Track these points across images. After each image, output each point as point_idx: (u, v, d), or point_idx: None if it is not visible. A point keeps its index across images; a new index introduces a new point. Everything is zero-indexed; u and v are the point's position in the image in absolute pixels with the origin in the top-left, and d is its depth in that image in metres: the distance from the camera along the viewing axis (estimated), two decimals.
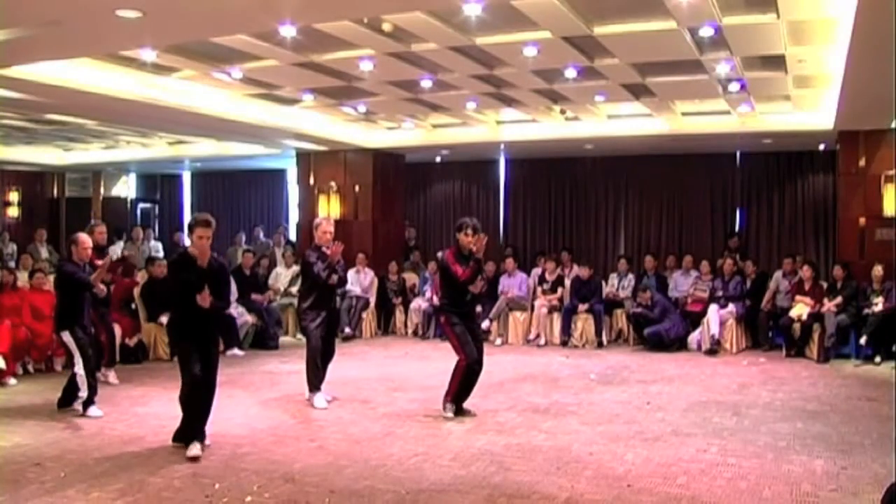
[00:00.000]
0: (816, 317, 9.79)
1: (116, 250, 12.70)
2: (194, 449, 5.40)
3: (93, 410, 6.53)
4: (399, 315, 12.41)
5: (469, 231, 6.58)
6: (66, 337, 6.55)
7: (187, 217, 17.58)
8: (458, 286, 6.52)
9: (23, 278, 9.77)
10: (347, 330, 11.65)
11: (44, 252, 13.40)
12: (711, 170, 13.32)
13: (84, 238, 6.83)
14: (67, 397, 6.76)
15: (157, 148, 14.22)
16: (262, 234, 15.37)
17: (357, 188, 13.22)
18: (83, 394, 6.52)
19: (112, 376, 8.14)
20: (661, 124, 11.15)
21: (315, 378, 7.08)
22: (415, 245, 14.42)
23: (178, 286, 5.61)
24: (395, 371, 9.00)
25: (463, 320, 6.64)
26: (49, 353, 8.84)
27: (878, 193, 10.39)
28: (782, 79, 8.50)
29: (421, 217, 15.39)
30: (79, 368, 6.48)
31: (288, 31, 6.59)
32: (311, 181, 13.48)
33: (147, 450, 5.60)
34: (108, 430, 6.20)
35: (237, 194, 17.02)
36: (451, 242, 6.89)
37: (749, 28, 6.71)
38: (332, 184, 13.24)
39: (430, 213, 15.42)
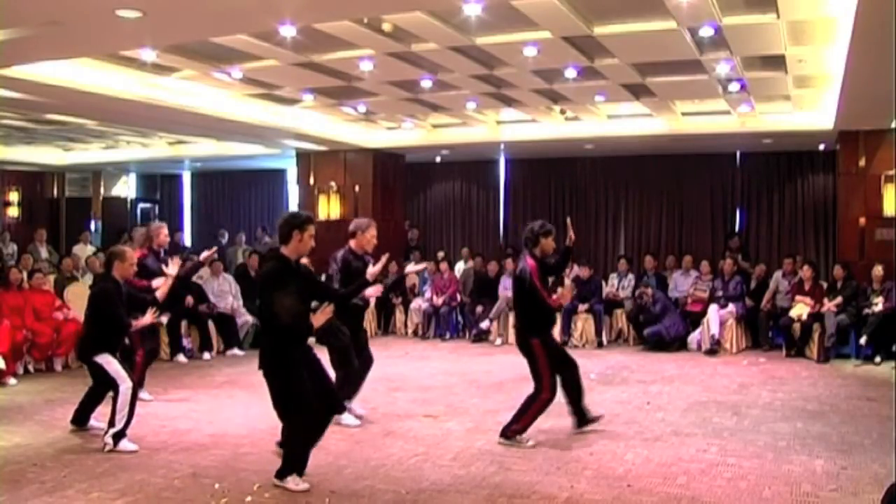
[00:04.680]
0: (816, 317, 9.79)
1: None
2: (303, 484, 4.73)
3: (126, 444, 5.57)
4: (399, 315, 12.40)
5: (553, 235, 5.94)
6: (106, 360, 5.72)
7: (187, 217, 17.62)
8: (543, 304, 5.84)
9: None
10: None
11: (44, 252, 13.40)
12: (711, 170, 13.32)
13: (131, 254, 6.09)
14: (86, 413, 6.13)
15: (157, 148, 14.21)
16: (266, 237, 15.27)
17: (357, 188, 13.22)
18: (119, 426, 5.57)
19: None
20: (661, 124, 11.15)
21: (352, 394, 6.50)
22: (415, 245, 14.42)
23: (290, 300, 4.62)
24: (395, 371, 8.99)
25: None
26: (49, 353, 8.85)
27: (878, 193, 10.39)
28: (782, 79, 8.50)
29: (421, 217, 15.38)
30: (125, 389, 5.63)
31: (288, 31, 6.59)
32: (311, 181, 13.48)
33: (147, 450, 5.59)
34: None
35: (237, 194, 17.02)
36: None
37: (749, 28, 6.71)
38: (332, 184, 13.24)
39: (431, 213, 15.42)
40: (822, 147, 12.02)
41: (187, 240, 16.40)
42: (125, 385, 5.64)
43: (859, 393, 7.72)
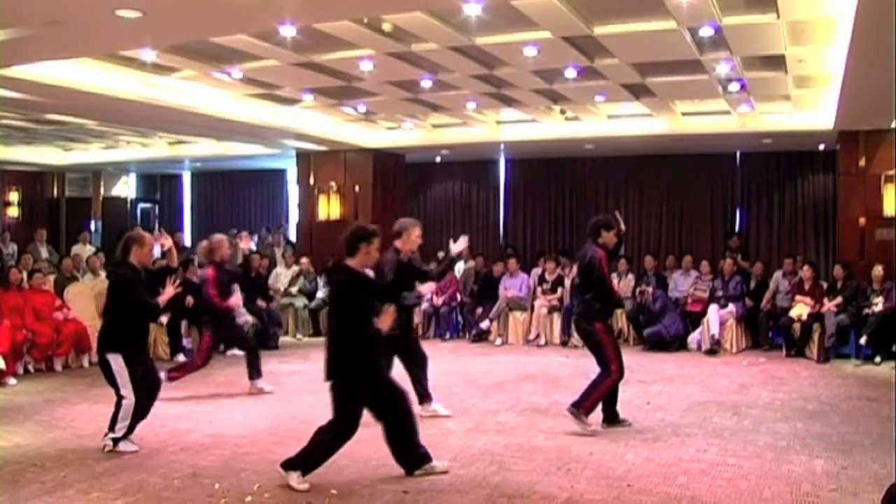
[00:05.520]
0: (816, 317, 9.78)
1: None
2: (304, 484, 4.75)
3: (126, 445, 5.52)
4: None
5: (614, 230, 6.22)
6: (117, 363, 5.44)
7: (187, 217, 17.62)
8: (611, 291, 6.20)
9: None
10: None
11: (44, 252, 13.40)
12: (711, 170, 13.32)
13: (150, 239, 5.80)
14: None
15: (157, 148, 14.23)
16: (270, 237, 15.21)
17: (357, 188, 13.22)
18: (118, 434, 5.48)
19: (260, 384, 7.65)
20: (661, 124, 11.15)
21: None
22: None
23: (359, 308, 4.82)
24: (395, 371, 8.96)
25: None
26: (49, 353, 8.84)
27: (878, 193, 10.39)
28: (782, 79, 8.50)
29: (421, 217, 15.29)
30: (128, 403, 5.46)
31: (288, 31, 6.59)
32: (311, 181, 13.49)
33: (147, 450, 5.59)
34: None
35: (237, 194, 17.03)
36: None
37: (749, 28, 6.71)
38: (332, 184, 13.25)
39: (431, 213, 15.41)
40: (822, 147, 12.03)
41: (187, 240, 16.40)
42: (128, 400, 5.46)
43: (859, 393, 7.72)
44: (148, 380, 5.63)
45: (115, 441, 5.53)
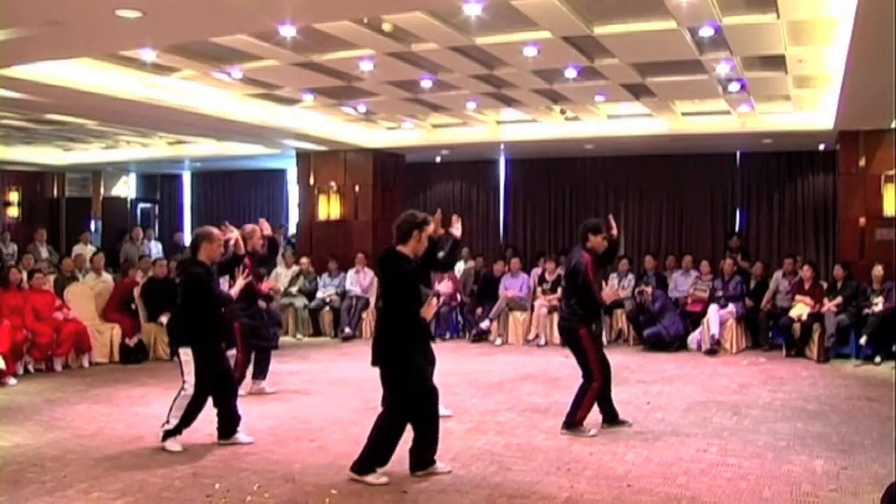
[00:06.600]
0: (816, 317, 9.78)
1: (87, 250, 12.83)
2: (383, 477, 4.87)
3: (172, 444, 5.56)
4: None
5: (602, 234, 6.14)
6: (186, 356, 5.53)
7: (187, 217, 17.62)
8: (594, 298, 6.06)
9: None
10: (347, 330, 11.70)
11: (44, 252, 13.39)
12: (711, 170, 13.32)
13: (218, 234, 5.91)
14: (225, 428, 5.79)
15: (157, 148, 14.22)
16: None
17: (357, 188, 13.22)
18: (171, 425, 5.56)
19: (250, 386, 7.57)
20: (661, 124, 11.15)
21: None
22: None
23: (416, 294, 4.97)
24: None
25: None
26: (49, 353, 8.84)
27: (878, 193, 10.39)
28: (782, 79, 8.50)
29: None
30: (186, 393, 5.55)
31: (288, 31, 6.59)
32: (311, 181, 13.48)
33: (147, 450, 5.60)
34: (108, 430, 6.20)
35: (237, 194, 17.02)
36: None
37: (749, 28, 6.71)
38: (332, 184, 13.24)
39: (431, 213, 15.33)
40: (822, 147, 12.03)
41: (187, 240, 16.40)
42: (187, 392, 5.54)
43: (859, 393, 7.72)
44: (221, 379, 5.71)
45: (167, 434, 5.57)
